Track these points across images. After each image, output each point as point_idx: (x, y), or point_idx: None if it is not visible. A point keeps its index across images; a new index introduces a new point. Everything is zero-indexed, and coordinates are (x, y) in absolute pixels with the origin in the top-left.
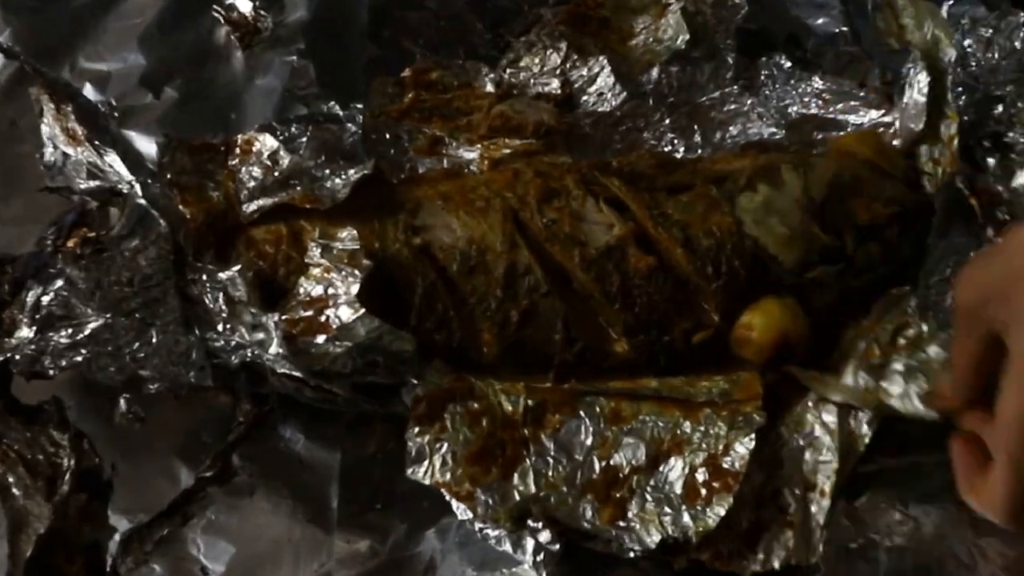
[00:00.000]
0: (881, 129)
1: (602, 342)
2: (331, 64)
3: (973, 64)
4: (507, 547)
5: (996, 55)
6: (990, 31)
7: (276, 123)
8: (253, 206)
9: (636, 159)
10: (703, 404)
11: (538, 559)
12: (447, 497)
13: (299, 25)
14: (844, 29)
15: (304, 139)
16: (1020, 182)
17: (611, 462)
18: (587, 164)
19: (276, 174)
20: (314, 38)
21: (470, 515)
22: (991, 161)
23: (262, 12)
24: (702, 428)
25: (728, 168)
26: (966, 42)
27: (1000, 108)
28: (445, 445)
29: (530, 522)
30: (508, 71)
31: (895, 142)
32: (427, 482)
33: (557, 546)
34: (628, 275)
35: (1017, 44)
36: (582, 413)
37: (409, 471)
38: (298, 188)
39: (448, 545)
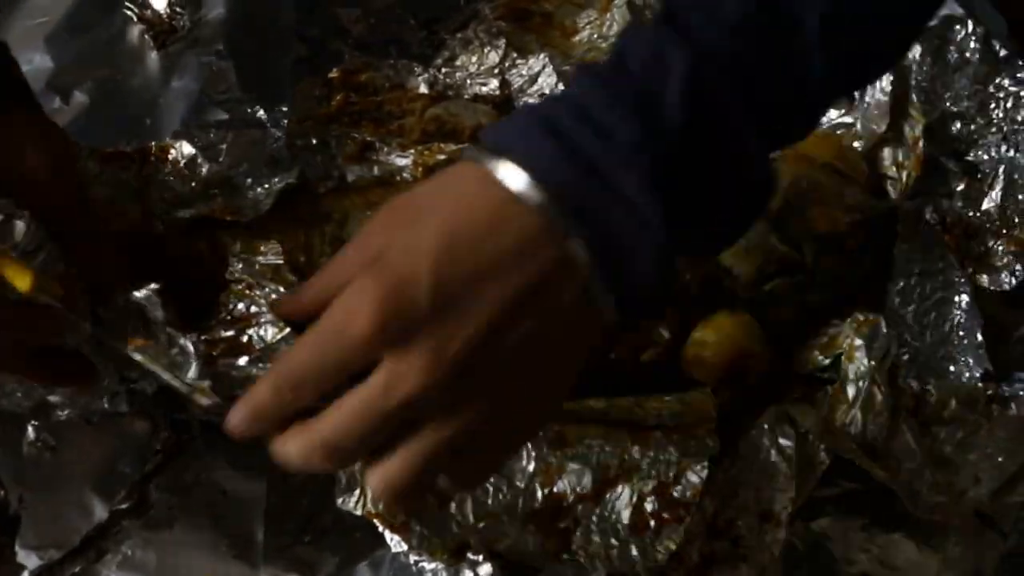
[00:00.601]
0: (841, 131)
1: None
2: (253, 65)
3: (925, 79)
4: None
5: (949, 69)
6: (938, 42)
7: (194, 129)
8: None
9: None
10: (653, 428)
11: None
12: (380, 528)
13: (218, 23)
14: None
15: (224, 146)
16: (989, 205)
17: (555, 490)
18: None
19: (194, 184)
20: (234, 37)
21: (404, 547)
22: (958, 186)
23: (178, 9)
24: (651, 454)
25: None
26: (916, 53)
27: (959, 125)
28: None
29: (469, 555)
30: (443, 71)
31: (856, 144)
32: (358, 512)
33: None
34: None
35: (970, 56)
36: None
37: (339, 501)
38: (218, 199)
39: None
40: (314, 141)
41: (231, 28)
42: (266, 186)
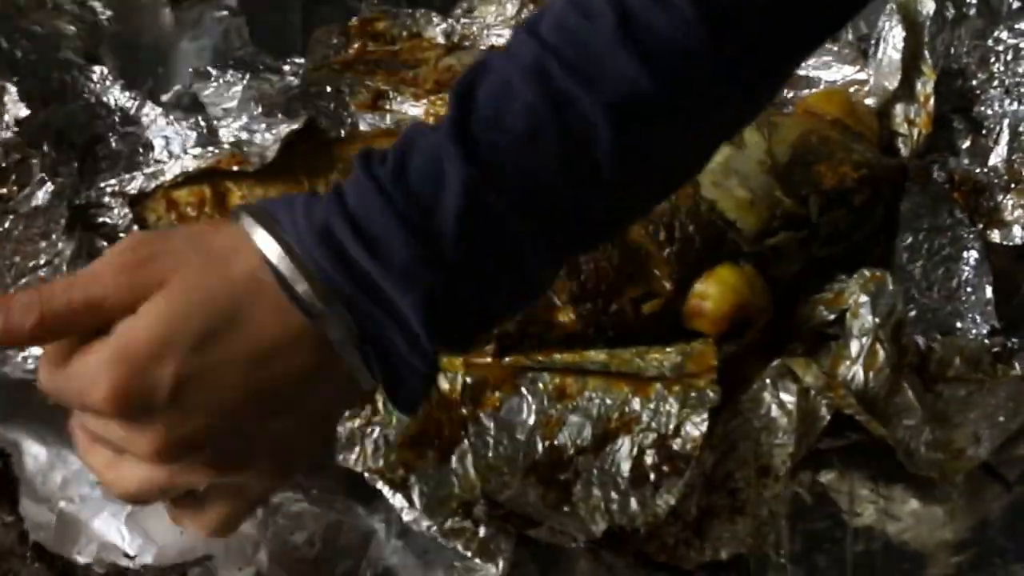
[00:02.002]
0: (855, 87)
1: (546, 312)
2: (267, 21)
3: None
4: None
5: (948, 25)
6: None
7: (212, 68)
8: (176, 168)
9: None
10: (653, 379)
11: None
12: (387, 490)
13: None
14: None
15: (239, 88)
16: (996, 160)
17: (555, 442)
18: None
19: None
20: None
21: (406, 505)
22: (964, 143)
23: None
24: (652, 406)
25: None
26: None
27: (961, 81)
28: (377, 429)
29: (475, 511)
30: (461, 21)
31: (868, 101)
32: (359, 469)
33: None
34: None
35: (971, 12)
36: (524, 390)
37: (339, 458)
38: (225, 146)
39: None
40: (328, 88)
41: None
42: (273, 132)
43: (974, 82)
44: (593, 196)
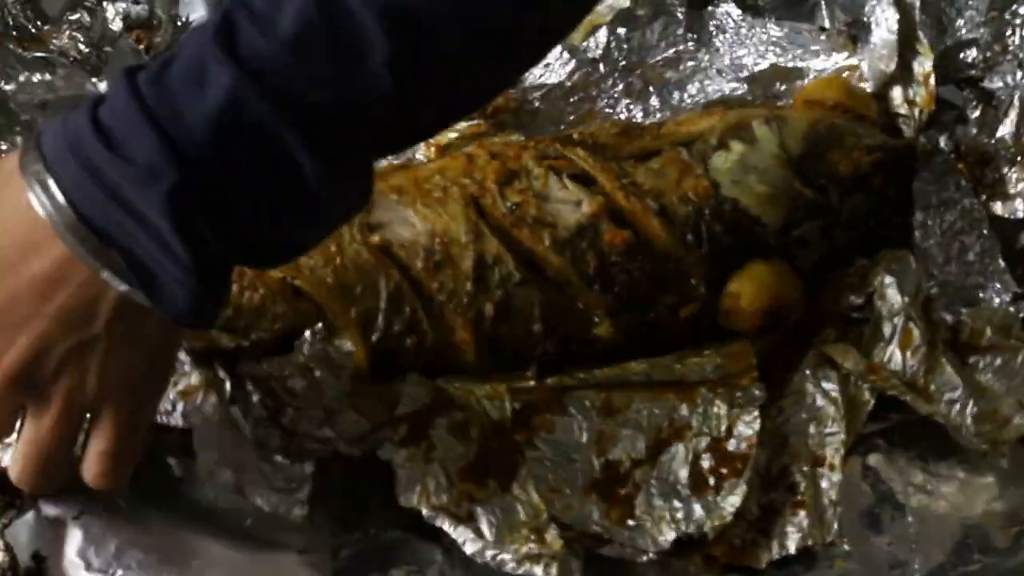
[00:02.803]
0: (847, 73)
1: (584, 328)
2: None
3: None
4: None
5: None
6: None
7: None
8: None
9: (596, 129)
10: (697, 383)
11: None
12: (448, 525)
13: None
14: None
15: None
16: (1004, 132)
17: (610, 457)
18: (547, 139)
19: None
20: None
21: (479, 545)
22: (973, 114)
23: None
24: (700, 410)
25: (696, 129)
26: None
27: (974, 51)
28: (436, 465)
29: (547, 536)
30: None
31: (865, 85)
32: (423, 508)
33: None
34: (604, 253)
35: None
36: (572, 409)
37: (402, 499)
38: None
39: None
40: None
41: None
42: None
43: (988, 54)
44: (371, 105)
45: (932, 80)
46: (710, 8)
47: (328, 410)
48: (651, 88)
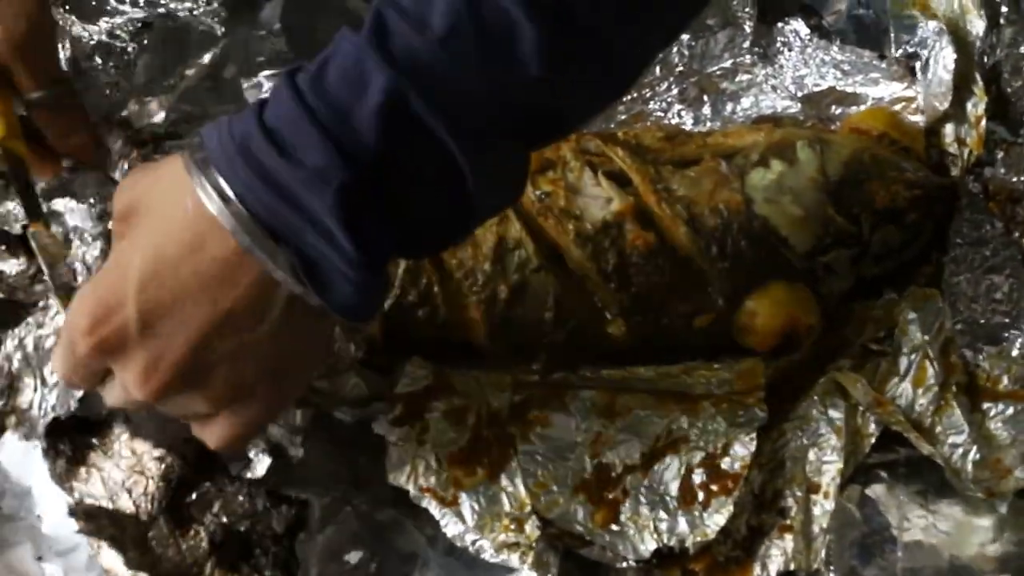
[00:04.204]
0: (903, 104)
1: (596, 323)
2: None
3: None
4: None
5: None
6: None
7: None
8: None
9: (642, 131)
10: (701, 397)
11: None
12: (434, 507)
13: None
14: None
15: None
16: None
17: (603, 460)
18: (591, 134)
19: None
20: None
21: (460, 528)
22: (999, 153)
23: None
24: (700, 424)
25: (740, 142)
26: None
27: (995, 89)
28: (428, 448)
29: (527, 527)
30: None
31: (917, 118)
32: (410, 488)
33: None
34: (625, 253)
35: (1002, 21)
36: (572, 408)
37: (391, 477)
38: None
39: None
40: None
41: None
42: None
43: (1009, 90)
44: (522, 94)
45: (983, 123)
46: (779, 24)
47: (332, 367)
48: (705, 97)
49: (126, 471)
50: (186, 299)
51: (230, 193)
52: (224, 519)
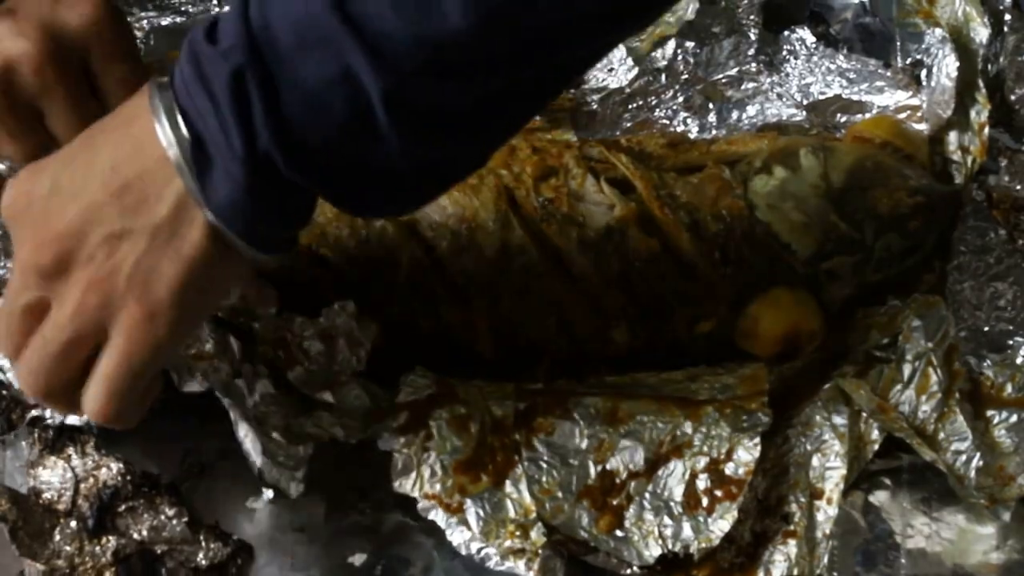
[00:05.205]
0: (908, 112)
1: (600, 329)
2: None
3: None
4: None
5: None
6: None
7: None
8: None
9: (645, 138)
10: (704, 402)
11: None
12: (440, 515)
13: None
14: (866, 1)
15: None
16: None
17: (607, 466)
18: (594, 141)
19: None
20: None
21: (465, 536)
22: (1002, 161)
23: None
24: (704, 429)
25: (744, 150)
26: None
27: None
28: (433, 455)
29: (532, 534)
30: None
31: (922, 126)
32: (415, 495)
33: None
34: (628, 259)
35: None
36: (576, 415)
37: (396, 485)
38: None
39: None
40: None
41: None
42: None
43: (1012, 98)
44: (446, 51)
45: (987, 131)
46: (785, 32)
47: (335, 378)
48: (711, 105)
49: (83, 473)
50: (94, 167)
51: (167, 84)
52: (142, 536)
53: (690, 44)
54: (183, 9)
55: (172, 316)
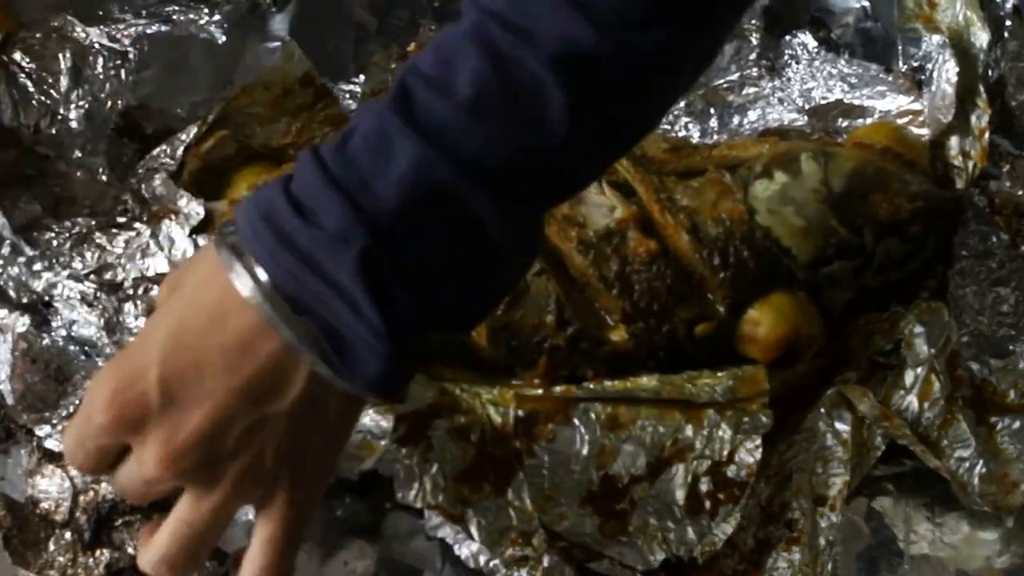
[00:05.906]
0: (909, 117)
1: (597, 328)
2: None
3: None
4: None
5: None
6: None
7: None
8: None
9: (648, 143)
10: (705, 405)
11: None
12: (446, 528)
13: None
14: (867, 5)
15: None
16: None
17: (609, 472)
18: None
19: None
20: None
21: (472, 549)
22: (1004, 166)
23: None
24: (705, 432)
25: (745, 154)
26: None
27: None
28: (435, 466)
29: (534, 542)
30: None
31: (923, 131)
32: (418, 505)
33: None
34: (627, 260)
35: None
36: (576, 421)
37: (399, 495)
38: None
39: None
40: None
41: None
42: None
43: (1013, 103)
44: (552, 156)
45: (987, 136)
46: (787, 37)
47: None
48: (712, 110)
49: (82, 485)
50: (207, 369)
51: (254, 264)
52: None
53: None
54: (172, 17)
55: (325, 481)
